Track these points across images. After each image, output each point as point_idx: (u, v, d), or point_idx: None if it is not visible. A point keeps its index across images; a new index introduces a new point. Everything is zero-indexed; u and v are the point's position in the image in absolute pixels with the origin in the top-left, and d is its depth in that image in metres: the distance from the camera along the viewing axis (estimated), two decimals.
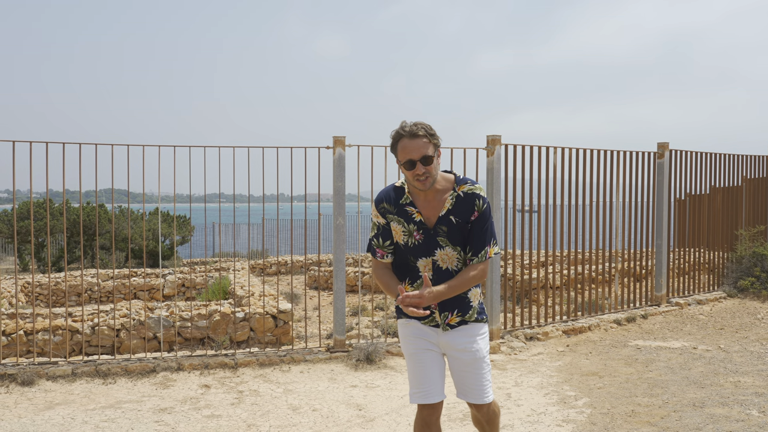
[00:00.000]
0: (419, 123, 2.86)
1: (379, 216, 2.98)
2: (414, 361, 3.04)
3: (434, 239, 2.90)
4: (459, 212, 2.89)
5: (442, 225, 2.89)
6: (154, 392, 5.52)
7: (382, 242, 3.00)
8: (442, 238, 2.89)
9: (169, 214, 19.69)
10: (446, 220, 2.88)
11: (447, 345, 3.02)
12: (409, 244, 2.93)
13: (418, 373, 3.03)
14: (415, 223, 2.91)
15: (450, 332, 3.00)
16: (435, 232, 2.89)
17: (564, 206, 7.83)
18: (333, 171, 6.53)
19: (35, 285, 11.23)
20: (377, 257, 3.02)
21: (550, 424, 4.60)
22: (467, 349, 3.00)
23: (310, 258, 15.05)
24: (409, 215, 2.91)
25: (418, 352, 3.03)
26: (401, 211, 2.93)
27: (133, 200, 37.13)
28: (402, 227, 2.93)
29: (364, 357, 6.23)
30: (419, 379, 3.02)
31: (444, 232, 2.89)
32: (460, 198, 2.89)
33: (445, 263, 2.92)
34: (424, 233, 2.90)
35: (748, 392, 5.17)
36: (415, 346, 3.03)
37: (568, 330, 7.43)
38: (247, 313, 6.94)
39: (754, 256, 9.52)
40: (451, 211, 2.89)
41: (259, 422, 4.79)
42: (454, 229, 2.89)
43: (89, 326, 6.60)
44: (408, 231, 2.92)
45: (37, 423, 4.80)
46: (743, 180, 9.97)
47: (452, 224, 2.88)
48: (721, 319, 8.06)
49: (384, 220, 2.97)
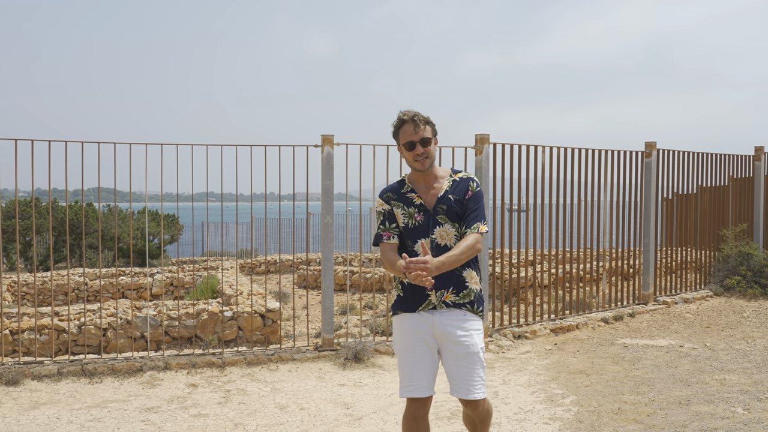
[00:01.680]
0: (418, 112, 3.21)
1: (384, 203, 3.29)
2: (406, 355, 3.16)
3: (434, 218, 3.19)
4: (456, 192, 3.22)
5: (442, 204, 3.20)
6: (140, 391, 5.49)
7: (388, 225, 3.25)
8: (442, 216, 3.18)
9: (158, 213, 19.60)
10: (445, 200, 3.20)
11: (442, 335, 3.12)
12: (410, 225, 3.20)
13: (409, 367, 3.14)
14: (415, 206, 3.22)
15: (446, 317, 3.12)
16: (435, 212, 3.19)
17: (552, 205, 7.85)
18: (321, 169, 6.52)
19: (22, 284, 11.14)
20: (384, 240, 3.25)
21: (537, 422, 4.61)
22: (461, 342, 3.10)
23: (299, 257, 15.02)
24: (410, 200, 3.24)
25: (411, 345, 3.15)
26: (402, 198, 3.25)
27: (122, 199, 36.95)
28: (402, 211, 3.23)
29: (352, 356, 6.22)
30: (410, 373, 3.13)
31: (443, 210, 3.19)
32: (456, 182, 3.26)
33: (444, 239, 3.17)
34: (424, 214, 3.20)
35: (734, 390, 5.21)
36: (409, 339, 3.16)
37: (555, 328, 7.46)
38: (235, 312, 6.92)
39: (740, 255, 9.59)
40: (448, 192, 3.22)
41: (246, 421, 4.77)
42: (452, 207, 3.19)
43: (76, 325, 6.56)
44: (408, 214, 3.22)
45: (21, 423, 4.76)
46: (730, 180, 10.04)
47: (450, 202, 3.19)
48: (707, 318, 8.12)
49: (389, 206, 3.27)
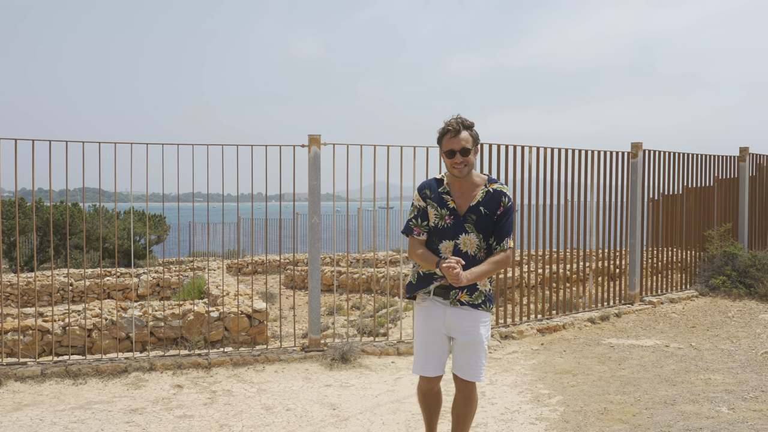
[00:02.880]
0: (462, 119, 3.40)
1: (421, 200, 3.47)
2: (422, 338, 3.53)
3: (462, 225, 3.38)
4: (488, 205, 3.39)
5: (472, 213, 3.38)
6: (125, 393, 5.45)
7: (420, 222, 3.46)
8: (470, 225, 3.38)
9: (144, 213, 19.46)
10: (476, 210, 3.38)
11: (453, 325, 3.45)
12: (439, 226, 3.40)
13: (423, 349, 3.54)
14: (448, 209, 3.40)
15: (458, 311, 3.44)
16: (464, 219, 3.38)
17: (540, 205, 7.87)
18: (308, 170, 6.49)
19: (5, 285, 11.03)
20: (414, 234, 3.46)
21: (523, 422, 4.62)
22: (469, 332, 3.44)
23: (286, 257, 14.97)
24: (444, 201, 3.41)
25: (427, 330, 3.50)
26: (438, 198, 3.43)
27: (107, 199, 36.64)
28: (435, 211, 3.41)
29: (339, 356, 6.20)
30: (424, 354, 3.53)
31: (473, 219, 3.38)
32: (490, 193, 3.42)
33: (466, 247, 3.39)
34: (454, 218, 3.39)
35: (719, 389, 5.24)
36: (426, 324, 3.50)
37: (542, 329, 7.48)
38: (221, 312, 6.88)
39: (725, 255, 9.66)
40: (481, 203, 3.40)
41: (231, 422, 4.74)
42: (481, 219, 3.38)
43: (60, 326, 6.49)
44: (440, 215, 3.40)
45: (4, 425, 4.70)
46: (715, 180, 10.11)
47: (481, 214, 3.38)
48: (693, 318, 8.17)
49: (424, 204, 3.46)
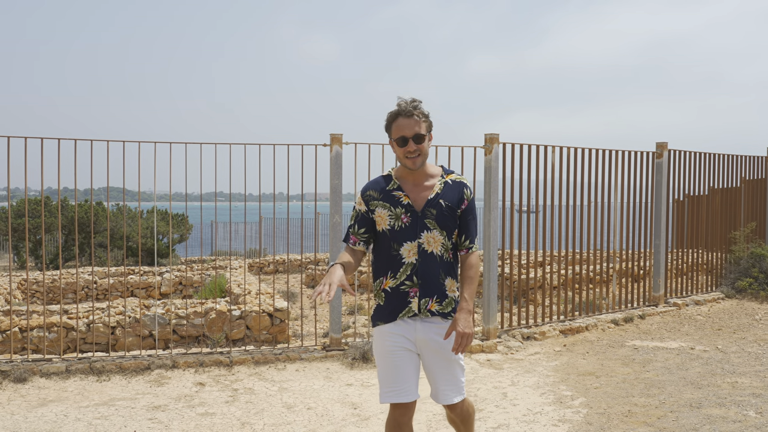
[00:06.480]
0: (415, 102, 2.94)
1: (363, 203, 3.05)
2: (388, 359, 3.00)
3: (422, 221, 2.97)
4: (448, 197, 2.99)
5: (431, 208, 2.97)
6: (148, 390, 5.49)
7: (357, 229, 3.05)
8: (430, 220, 2.96)
9: (167, 212, 19.66)
10: (436, 204, 2.97)
11: (423, 342, 3.01)
12: (396, 227, 2.97)
13: (391, 372, 2.99)
14: (402, 206, 2.98)
15: (429, 324, 3.00)
16: (423, 215, 2.97)
17: (562, 206, 7.80)
18: (330, 169, 6.49)
19: (32, 282, 11.19)
20: (349, 243, 3.07)
21: (546, 424, 4.57)
22: (443, 348, 3.00)
23: (308, 257, 15.02)
24: (396, 199, 2.99)
25: (393, 349, 2.99)
26: (388, 197, 3.00)
27: (131, 198, 37.13)
28: (388, 212, 2.98)
29: (359, 355, 6.20)
30: (393, 377, 2.98)
31: (432, 214, 2.96)
32: (449, 185, 3.02)
33: (431, 246, 2.97)
34: (411, 216, 2.97)
35: (746, 393, 5.15)
36: (391, 343, 3.00)
37: (565, 330, 7.41)
38: (243, 311, 6.91)
39: (752, 256, 9.49)
40: (440, 195, 2.98)
41: (253, 420, 4.76)
42: (442, 213, 2.96)
43: (84, 324, 6.57)
44: (395, 215, 2.98)
45: (29, 420, 4.76)
46: (742, 181, 9.95)
47: (441, 207, 2.97)
48: (718, 320, 8.04)
49: (366, 208, 3.04)
